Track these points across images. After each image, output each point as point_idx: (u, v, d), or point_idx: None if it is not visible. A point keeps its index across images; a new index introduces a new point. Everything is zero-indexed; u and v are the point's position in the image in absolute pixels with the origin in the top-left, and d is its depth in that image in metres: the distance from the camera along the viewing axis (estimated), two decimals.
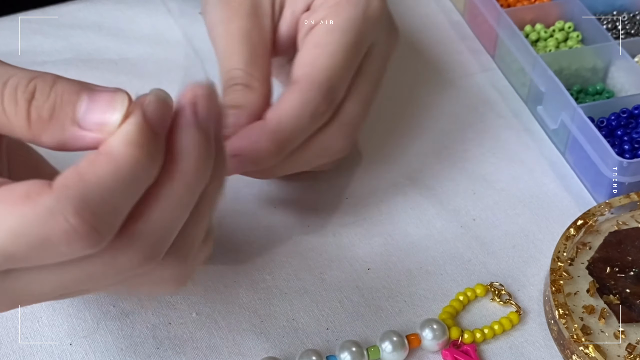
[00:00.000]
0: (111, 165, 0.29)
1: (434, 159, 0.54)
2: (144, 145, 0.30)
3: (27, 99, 0.31)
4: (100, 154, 0.30)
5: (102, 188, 0.29)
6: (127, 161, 0.29)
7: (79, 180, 0.29)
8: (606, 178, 0.49)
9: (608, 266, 0.45)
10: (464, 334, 0.43)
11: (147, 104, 0.31)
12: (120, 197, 0.30)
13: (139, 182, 0.30)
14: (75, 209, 0.29)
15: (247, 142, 0.42)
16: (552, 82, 0.53)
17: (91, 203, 0.29)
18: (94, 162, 0.29)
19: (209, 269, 0.46)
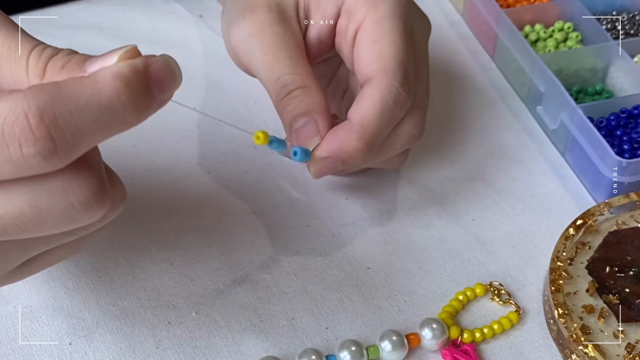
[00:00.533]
0: (92, 88, 0.29)
1: (434, 159, 0.54)
2: (130, 85, 0.29)
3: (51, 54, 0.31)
4: (86, 76, 0.29)
5: (74, 103, 0.28)
6: (108, 91, 0.29)
7: (54, 87, 0.28)
8: (605, 178, 0.49)
9: (607, 266, 0.45)
10: (463, 333, 0.43)
11: (152, 60, 0.30)
12: (88, 121, 0.29)
13: (112, 117, 0.29)
14: (39, 110, 0.28)
15: (336, 143, 0.42)
16: (551, 82, 0.53)
17: (57, 113, 0.28)
18: (77, 79, 0.29)
19: (208, 268, 0.46)
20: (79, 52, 0.40)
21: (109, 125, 0.29)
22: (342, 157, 0.42)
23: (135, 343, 0.42)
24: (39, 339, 0.42)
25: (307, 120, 0.42)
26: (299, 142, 0.42)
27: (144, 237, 0.48)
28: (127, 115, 0.29)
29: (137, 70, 0.30)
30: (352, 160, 0.42)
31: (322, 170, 0.42)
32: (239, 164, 0.52)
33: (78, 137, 0.29)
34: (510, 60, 0.59)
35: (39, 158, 0.28)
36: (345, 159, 0.42)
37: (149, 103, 0.30)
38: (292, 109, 0.43)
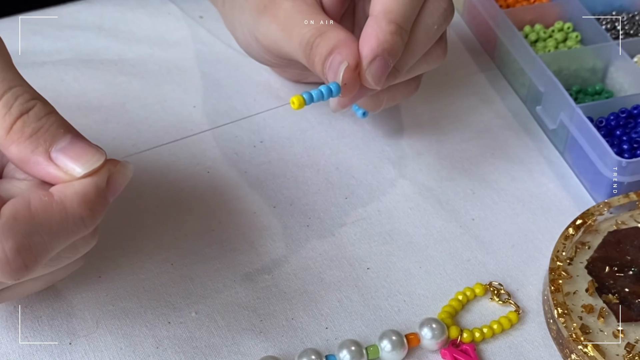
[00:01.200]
0: (61, 216, 0.32)
1: (433, 159, 0.54)
2: (94, 209, 0.33)
3: (21, 111, 0.33)
4: (54, 200, 0.32)
5: (47, 232, 0.32)
6: (76, 218, 0.32)
7: (29, 218, 0.31)
8: (605, 178, 0.49)
9: (607, 265, 0.45)
10: (463, 333, 0.43)
11: (114, 172, 0.33)
12: (56, 243, 0.32)
13: (75, 234, 0.33)
14: (16, 244, 0.31)
15: (372, 40, 0.41)
16: (551, 82, 0.53)
17: (32, 241, 0.31)
18: (46, 205, 0.32)
19: (208, 268, 0.46)
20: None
21: (70, 239, 0.33)
22: (385, 47, 0.41)
23: (135, 343, 0.42)
24: (39, 339, 0.42)
25: (332, 57, 0.41)
26: (331, 78, 0.41)
27: (144, 237, 0.48)
28: (85, 230, 0.33)
29: (99, 191, 0.33)
30: (395, 46, 0.41)
31: (377, 73, 0.41)
32: (239, 164, 0.52)
33: (47, 255, 0.32)
34: (510, 60, 0.59)
35: (11, 280, 0.32)
36: (388, 48, 0.41)
37: (103, 212, 0.34)
38: (318, 58, 0.42)
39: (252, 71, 0.59)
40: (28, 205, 0.32)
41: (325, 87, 0.41)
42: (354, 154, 0.54)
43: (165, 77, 0.58)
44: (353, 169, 0.53)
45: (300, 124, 0.55)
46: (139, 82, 0.58)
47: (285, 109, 0.55)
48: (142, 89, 0.57)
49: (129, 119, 0.55)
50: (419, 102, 0.58)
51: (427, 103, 0.58)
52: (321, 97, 0.41)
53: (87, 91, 0.57)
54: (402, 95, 0.49)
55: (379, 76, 0.41)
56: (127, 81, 0.58)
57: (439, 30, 0.45)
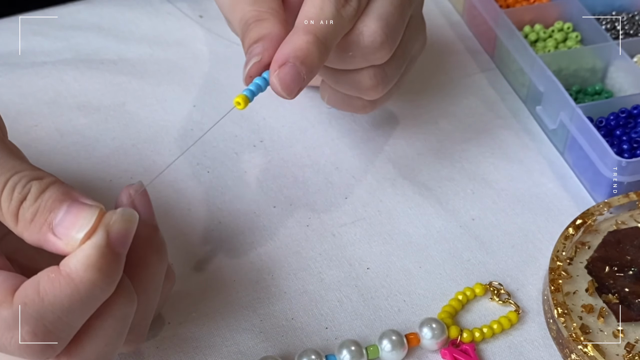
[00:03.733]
0: (70, 288, 0.32)
1: (433, 159, 0.54)
2: (103, 269, 0.32)
3: (20, 200, 0.33)
4: (60, 274, 0.32)
5: (59, 308, 0.32)
6: (86, 284, 0.32)
7: (38, 300, 0.32)
8: (605, 178, 0.49)
9: (607, 265, 0.45)
10: (463, 333, 0.43)
11: (110, 225, 0.33)
12: (75, 315, 0.32)
13: (95, 301, 0.33)
14: (31, 327, 0.32)
15: (287, 46, 0.40)
16: (551, 82, 0.53)
17: (47, 322, 0.32)
18: (54, 282, 0.32)
19: (208, 268, 0.46)
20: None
21: (93, 306, 0.33)
22: (298, 55, 0.40)
23: None
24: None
25: (255, 46, 0.41)
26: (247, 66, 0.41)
27: None
28: (106, 291, 0.33)
29: (103, 252, 0.32)
30: (309, 58, 0.40)
31: (285, 79, 0.40)
32: (239, 164, 0.53)
33: (70, 329, 0.33)
34: (510, 60, 0.59)
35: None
36: (301, 57, 0.40)
37: (120, 265, 0.33)
38: (247, 42, 0.42)
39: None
40: (37, 287, 0.32)
41: (260, 78, 0.40)
42: (354, 154, 0.54)
43: (165, 77, 0.58)
44: (353, 169, 0.53)
45: (300, 124, 0.55)
46: (139, 82, 0.58)
47: (286, 108, 0.55)
48: (142, 89, 0.57)
49: (129, 119, 0.55)
50: (419, 102, 0.58)
51: (427, 103, 0.58)
52: (260, 89, 0.40)
53: (87, 91, 0.57)
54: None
55: (287, 83, 0.40)
56: (127, 81, 0.58)
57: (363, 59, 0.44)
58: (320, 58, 0.40)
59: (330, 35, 0.41)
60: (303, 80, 0.40)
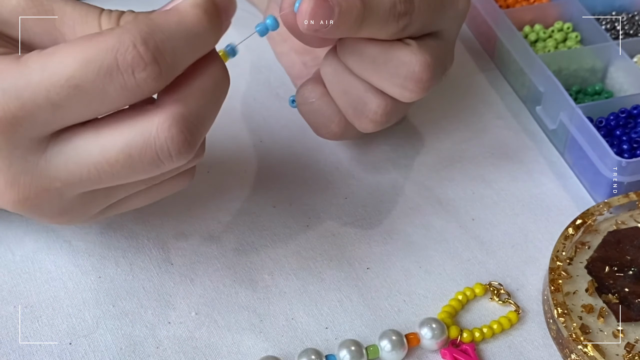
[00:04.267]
0: (178, 17, 0.34)
1: (433, 159, 0.54)
2: (208, 11, 0.34)
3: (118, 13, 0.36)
4: (168, 9, 0.34)
5: (168, 31, 0.33)
6: (192, 18, 0.34)
7: (148, 19, 0.33)
8: (605, 178, 0.49)
9: (607, 265, 0.45)
10: (462, 333, 0.43)
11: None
12: (180, 45, 0.34)
13: (198, 40, 0.34)
14: (143, 38, 0.33)
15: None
16: (551, 82, 0.53)
17: (157, 38, 0.33)
18: (163, 12, 0.34)
19: (208, 268, 0.46)
20: None
21: (195, 46, 0.35)
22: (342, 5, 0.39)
23: (136, 343, 0.42)
24: (39, 339, 0.42)
25: None
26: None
27: (144, 237, 0.48)
28: (207, 37, 0.35)
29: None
30: (347, 16, 0.39)
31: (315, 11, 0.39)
32: (239, 164, 0.53)
33: (175, 59, 0.34)
34: (510, 60, 0.59)
35: (149, 80, 0.33)
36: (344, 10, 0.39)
37: (221, 26, 0.35)
38: None
39: (252, 70, 0.59)
40: (148, 14, 0.34)
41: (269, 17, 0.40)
42: (354, 154, 0.54)
43: None
44: (353, 169, 0.53)
45: (300, 124, 0.55)
46: None
47: (286, 108, 0.55)
48: None
49: None
50: (418, 102, 0.58)
51: (426, 103, 0.58)
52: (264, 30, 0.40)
53: None
54: None
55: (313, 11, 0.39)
56: None
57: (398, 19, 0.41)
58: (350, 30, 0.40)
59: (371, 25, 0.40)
60: (325, 27, 0.39)
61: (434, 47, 0.43)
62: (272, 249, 0.47)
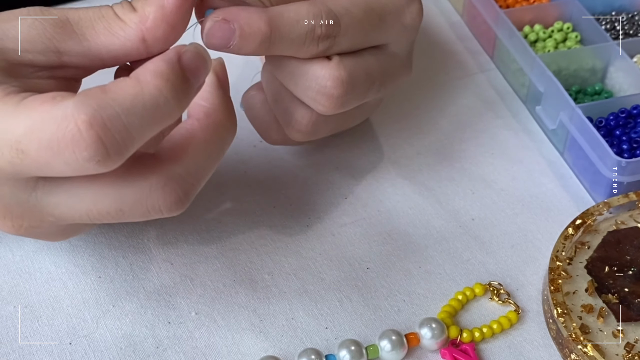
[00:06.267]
0: (135, 89, 0.31)
1: (433, 159, 0.54)
2: (170, 81, 0.32)
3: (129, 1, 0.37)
4: (128, 78, 0.32)
5: (120, 106, 0.31)
6: (151, 89, 0.31)
7: (100, 93, 0.31)
8: (605, 178, 0.49)
9: (607, 265, 0.45)
10: (462, 333, 0.43)
11: (183, 51, 0.33)
12: (135, 121, 0.31)
13: (158, 112, 0.32)
14: (87, 116, 0.30)
15: (244, 12, 0.39)
16: (550, 82, 0.53)
17: (104, 115, 0.31)
18: (120, 82, 0.32)
19: (208, 268, 0.46)
20: None
21: (155, 120, 0.32)
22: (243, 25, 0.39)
23: (135, 343, 0.42)
24: (39, 339, 0.42)
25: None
26: None
27: (144, 237, 0.48)
28: (170, 108, 0.32)
29: (172, 65, 0.32)
30: (250, 38, 0.39)
31: (213, 30, 0.39)
32: (238, 164, 0.53)
33: (128, 137, 0.31)
34: (510, 60, 0.59)
35: (93, 162, 0.31)
36: (244, 33, 0.39)
37: (188, 92, 0.33)
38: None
39: (251, 70, 0.59)
40: (103, 87, 0.32)
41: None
42: (354, 154, 0.54)
43: None
44: (353, 169, 0.53)
45: None
46: None
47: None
48: None
49: None
50: (418, 102, 0.58)
51: (426, 103, 0.58)
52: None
53: None
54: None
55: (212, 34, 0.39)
56: None
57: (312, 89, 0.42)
58: (255, 51, 0.40)
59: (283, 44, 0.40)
60: (228, 47, 0.39)
61: (358, 63, 0.43)
62: (272, 249, 0.47)
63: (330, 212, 0.50)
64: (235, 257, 0.47)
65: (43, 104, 0.31)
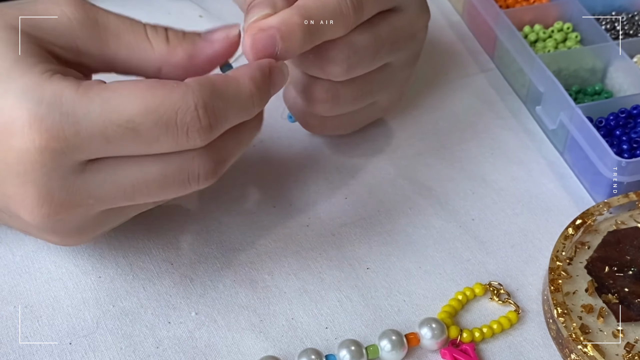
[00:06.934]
0: (236, 87, 0.37)
1: (433, 159, 0.54)
2: (260, 87, 0.38)
3: (164, 29, 0.40)
4: (229, 76, 0.38)
5: (225, 99, 0.37)
6: (245, 91, 0.38)
7: (211, 85, 0.37)
8: (605, 178, 0.49)
9: (607, 265, 0.45)
10: (462, 333, 0.43)
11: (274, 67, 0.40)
12: (232, 111, 0.37)
13: (245, 109, 0.38)
14: (204, 102, 0.36)
15: (278, 18, 0.41)
16: (550, 82, 0.53)
17: (215, 104, 0.36)
18: (224, 78, 0.37)
19: (208, 268, 0.46)
20: None
21: (243, 115, 0.38)
22: (282, 29, 0.40)
23: (135, 343, 0.42)
24: (39, 339, 0.42)
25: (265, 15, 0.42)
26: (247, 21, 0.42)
27: (144, 237, 0.48)
28: (253, 108, 0.39)
29: (265, 76, 0.39)
30: (291, 37, 0.40)
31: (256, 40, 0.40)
32: (238, 164, 0.52)
33: (225, 123, 0.37)
34: (510, 60, 0.59)
35: (199, 140, 0.37)
36: (284, 34, 0.40)
37: (267, 100, 0.39)
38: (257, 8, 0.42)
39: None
40: (210, 78, 0.37)
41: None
42: (354, 154, 0.54)
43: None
44: (353, 169, 0.53)
45: None
46: None
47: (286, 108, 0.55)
48: None
49: None
50: (418, 103, 0.58)
51: (427, 103, 0.58)
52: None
53: None
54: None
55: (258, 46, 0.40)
56: None
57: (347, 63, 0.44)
58: (300, 45, 0.41)
59: (319, 32, 0.42)
60: (274, 54, 0.41)
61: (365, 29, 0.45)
62: (272, 249, 0.47)
63: (330, 212, 0.50)
64: (235, 257, 0.47)
65: (155, 88, 0.35)
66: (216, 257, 0.47)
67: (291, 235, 0.48)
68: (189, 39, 0.40)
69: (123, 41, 0.39)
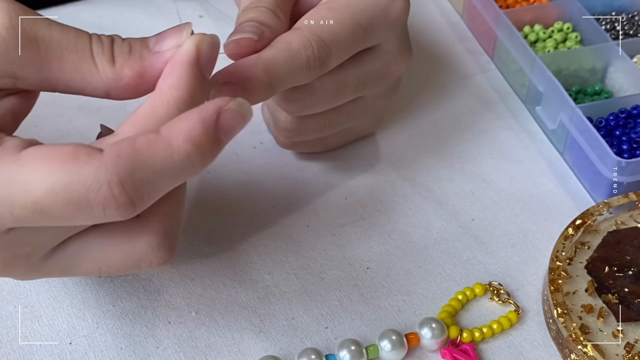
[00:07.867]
0: (165, 152, 0.31)
1: (433, 160, 0.54)
2: (201, 147, 0.31)
3: (110, 42, 0.35)
4: (159, 137, 0.31)
5: (151, 168, 0.31)
6: (181, 154, 0.31)
7: (132, 154, 0.31)
8: (605, 178, 0.49)
9: (607, 265, 0.45)
10: (462, 333, 0.43)
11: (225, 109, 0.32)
12: (162, 181, 0.32)
13: (182, 174, 0.32)
14: (120, 179, 0.31)
15: (241, 69, 0.39)
16: (550, 82, 0.53)
17: (136, 179, 0.31)
18: (151, 142, 0.31)
19: (208, 268, 0.46)
20: None
21: (178, 180, 0.32)
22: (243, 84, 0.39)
23: (135, 343, 0.42)
24: (39, 339, 0.42)
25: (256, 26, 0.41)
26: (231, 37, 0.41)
27: None
28: (194, 170, 0.32)
29: (207, 129, 0.31)
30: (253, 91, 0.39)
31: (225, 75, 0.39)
32: (239, 164, 0.53)
33: (153, 195, 0.32)
34: (510, 60, 0.59)
35: (119, 216, 0.32)
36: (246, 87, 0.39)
37: (216, 152, 0.32)
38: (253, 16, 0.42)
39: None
40: (134, 143, 0.31)
41: None
42: (354, 155, 0.54)
43: None
44: (353, 169, 0.53)
45: None
46: None
47: None
48: None
49: None
50: (418, 103, 0.58)
51: (426, 103, 0.58)
52: None
53: None
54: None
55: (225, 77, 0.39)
56: None
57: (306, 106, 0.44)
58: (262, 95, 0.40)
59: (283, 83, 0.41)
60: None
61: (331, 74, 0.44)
62: (272, 249, 0.47)
63: (330, 212, 0.50)
64: (235, 257, 0.47)
65: (65, 162, 0.31)
66: (216, 256, 0.47)
67: (291, 235, 0.48)
68: (136, 55, 0.35)
69: (66, 62, 0.35)
